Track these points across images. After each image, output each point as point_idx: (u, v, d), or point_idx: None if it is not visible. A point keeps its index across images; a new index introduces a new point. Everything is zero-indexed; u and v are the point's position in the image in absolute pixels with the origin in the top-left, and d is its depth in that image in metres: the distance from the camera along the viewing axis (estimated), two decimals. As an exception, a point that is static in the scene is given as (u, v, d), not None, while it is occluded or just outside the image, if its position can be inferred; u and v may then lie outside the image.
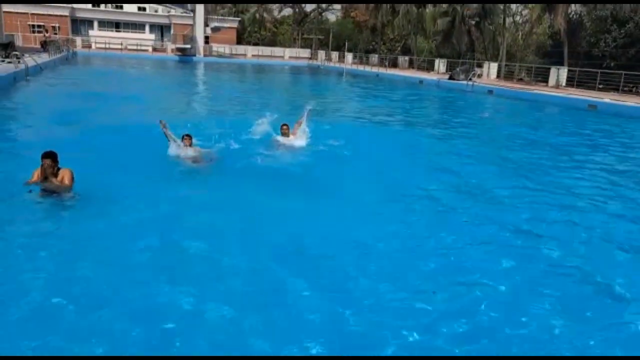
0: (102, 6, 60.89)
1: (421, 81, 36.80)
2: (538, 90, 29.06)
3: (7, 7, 43.24)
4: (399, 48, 61.34)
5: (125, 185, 7.71)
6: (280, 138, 10.82)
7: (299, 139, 10.88)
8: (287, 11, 74.16)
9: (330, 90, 31.80)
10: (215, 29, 56.22)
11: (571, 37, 37.04)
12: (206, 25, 54.15)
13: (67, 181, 6.64)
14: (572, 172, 10.92)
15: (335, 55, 57.92)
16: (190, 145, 9.54)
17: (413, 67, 49.03)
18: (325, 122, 14.89)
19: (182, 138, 9.49)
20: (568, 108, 23.97)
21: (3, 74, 19.34)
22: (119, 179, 7.92)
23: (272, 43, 68.94)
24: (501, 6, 43.23)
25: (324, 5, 70.53)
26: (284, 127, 10.87)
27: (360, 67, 48.72)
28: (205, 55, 53.55)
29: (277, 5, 72.99)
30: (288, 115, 12.89)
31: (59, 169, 6.66)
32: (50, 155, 6.54)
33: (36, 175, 6.63)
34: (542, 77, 33.98)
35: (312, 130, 11.35)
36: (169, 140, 9.39)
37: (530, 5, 45.25)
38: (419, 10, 50.38)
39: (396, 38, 62.07)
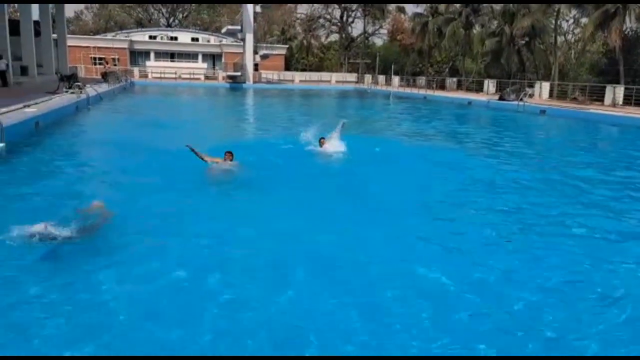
0: (159, 38, 64.14)
1: (470, 102, 36.30)
2: (594, 109, 28.04)
3: (71, 42, 46.19)
4: (446, 70, 60.92)
5: (178, 202, 8.02)
6: (319, 149, 12.63)
7: (333, 147, 12.48)
8: (334, 37, 75.39)
9: (377, 113, 31.85)
10: (264, 57, 57.75)
11: (627, 54, 35.70)
12: (255, 53, 55.70)
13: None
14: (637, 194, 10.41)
15: (382, 78, 58.11)
16: (232, 159, 10.36)
17: (461, 89, 48.48)
18: (373, 140, 16.07)
19: (224, 154, 10.40)
20: (628, 127, 22.97)
21: (66, 104, 20.56)
22: (174, 199, 8.31)
23: (319, 68, 70.04)
24: (552, 25, 42.32)
25: (370, 30, 71.22)
26: (322, 140, 12.75)
27: (408, 90, 48.62)
28: (254, 82, 54.94)
29: (324, 31, 74.38)
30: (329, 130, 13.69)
31: None
32: None
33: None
34: (597, 96, 32.83)
35: (363, 147, 13.14)
36: (205, 160, 10.14)
37: (583, 23, 44.05)
38: (466, 31, 50.03)
39: (443, 60, 61.75)
